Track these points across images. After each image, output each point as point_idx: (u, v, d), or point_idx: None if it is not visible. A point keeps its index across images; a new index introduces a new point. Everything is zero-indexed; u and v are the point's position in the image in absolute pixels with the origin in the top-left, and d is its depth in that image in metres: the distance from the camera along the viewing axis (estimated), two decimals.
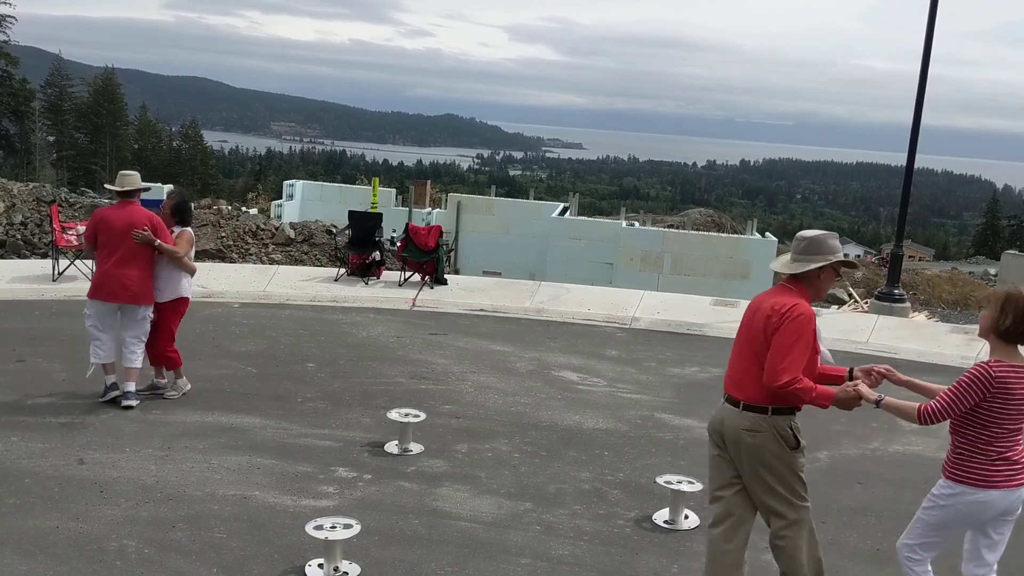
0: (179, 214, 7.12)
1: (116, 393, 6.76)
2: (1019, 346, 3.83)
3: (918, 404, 3.89)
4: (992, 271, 33.08)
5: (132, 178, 6.95)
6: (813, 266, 4.04)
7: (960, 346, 10.34)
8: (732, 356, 4.19)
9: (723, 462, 4.27)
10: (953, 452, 3.92)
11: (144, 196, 7.24)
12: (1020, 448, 3.84)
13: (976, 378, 3.81)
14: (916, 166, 13.66)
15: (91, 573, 4.34)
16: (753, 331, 4.04)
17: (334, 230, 16.26)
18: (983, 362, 3.86)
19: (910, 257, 55.27)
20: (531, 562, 4.72)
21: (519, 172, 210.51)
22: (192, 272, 7.12)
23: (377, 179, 22.42)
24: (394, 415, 6.31)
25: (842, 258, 4.12)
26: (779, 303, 3.98)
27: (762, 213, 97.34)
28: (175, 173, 64.95)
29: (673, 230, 22.15)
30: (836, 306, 18.99)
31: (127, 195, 6.86)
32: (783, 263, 4.16)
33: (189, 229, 7.11)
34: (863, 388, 4.07)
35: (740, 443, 4.12)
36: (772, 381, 3.93)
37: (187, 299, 7.14)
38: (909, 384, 4.25)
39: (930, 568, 4.06)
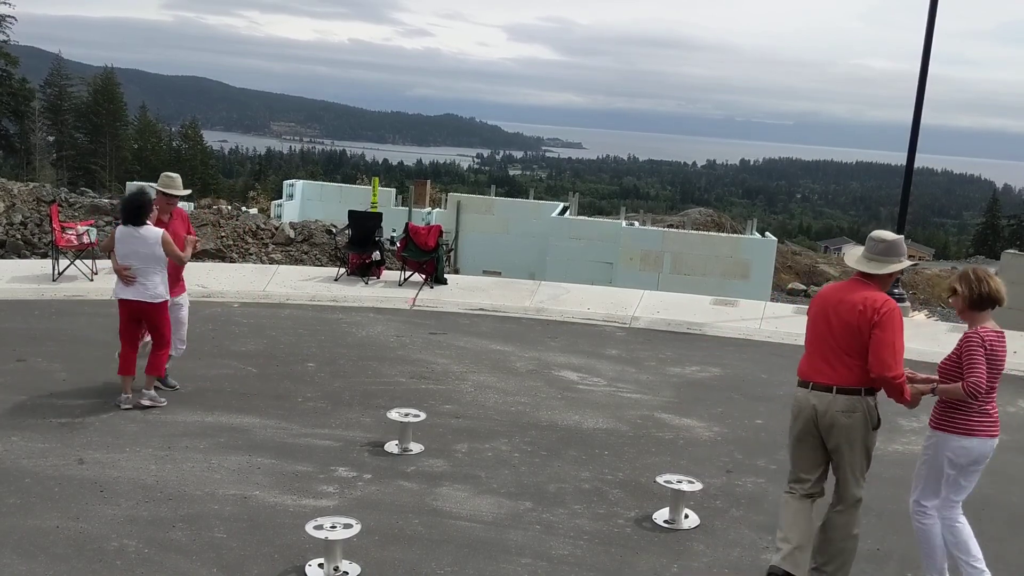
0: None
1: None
2: (989, 311, 4.52)
3: (960, 383, 4.35)
4: (992, 270, 33.10)
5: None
6: (896, 267, 4.50)
7: None
8: (814, 346, 4.57)
9: (811, 443, 4.56)
10: (939, 405, 4.50)
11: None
12: (994, 404, 4.54)
13: (979, 344, 4.36)
14: (916, 165, 13.66)
15: (91, 573, 4.34)
16: (843, 323, 4.41)
17: (334, 230, 16.26)
18: (972, 330, 4.43)
19: (910, 256, 55.24)
20: (531, 562, 4.72)
21: (519, 172, 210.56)
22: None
23: (377, 179, 22.42)
24: (394, 415, 6.31)
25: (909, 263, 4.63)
26: (870, 298, 4.37)
27: (762, 213, 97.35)
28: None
29: (673, 230, 22.16)
30: None
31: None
32: (865, 262, 4.51)
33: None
34: (921, 385, 4.53)
35: (835, 424, 4.43)
36: (885, 371, 4.31)
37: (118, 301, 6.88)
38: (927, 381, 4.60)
39: (938, 524, 4.58)
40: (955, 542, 4.53)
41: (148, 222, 6.73)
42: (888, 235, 4.54)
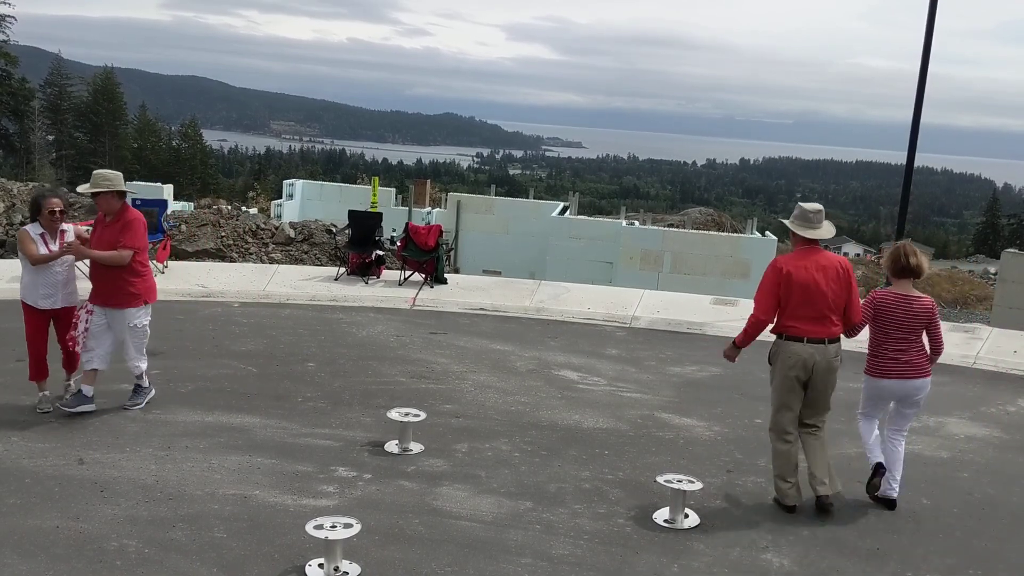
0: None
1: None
2: (911, 280, 5.59)
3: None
4: (992, 269, 33.06)
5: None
6: (833, 230, 5.72)
7: (960, 344, 10.35)
8: (804, 306, 5.40)
9: (799, 389, 5.51)
10: (868, 352, 5.72)
11: (144, 196, 7.26)
12: (913, 352, 5.57)
13: (867, 303, 5.63)
14: (916, 165, 13.65)
15: (91, 573, 4.34)
16: (830, 284, 5.41)
17: (334, 229, 16.26)
18: (874, 291, 5.72)
19: None
20: (531, 561, 4.72)
21: (519, 171, 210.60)
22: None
23: (377, 178, 22.43)
24: (394, 414, 6.31)
25: None
26: (842, 261, 5.55)
27: (762, 212, 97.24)
28: (174, 172, 64.93)
29: (673, 229, 22.15)
30: None
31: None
32: (826, 231, 5.57)
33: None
34: None
35: (830, 368, 5.47)
36: (861, 320, 5.61)
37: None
38: None
39: (876, 427, 5.88)
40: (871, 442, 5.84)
41: (39, 221, 6.52)
42: (816, 205, 5.67)
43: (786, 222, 5.75)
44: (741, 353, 5.79)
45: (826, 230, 5.56)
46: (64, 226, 6.71)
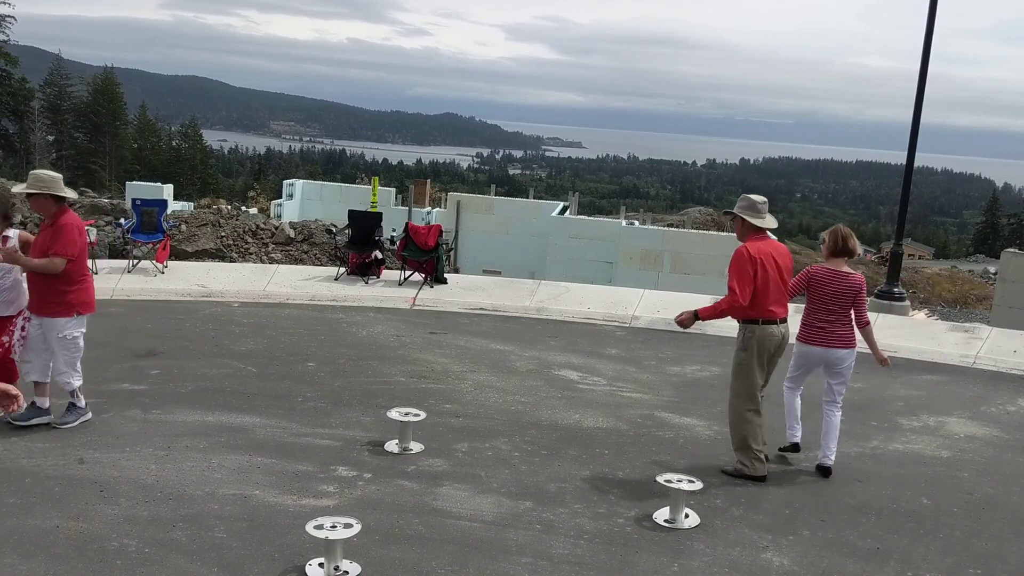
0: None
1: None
2: (844, 259, 6.13)
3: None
4: (992, 269, 33.07)
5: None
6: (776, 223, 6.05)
7: (959, 344, 10.35)
8: (775, 290, 5.85)
9: (767, 365, 5.98)
10: (801, 322, 6.20)
11: (144, 196, 7.21)
12: (840, 324, 6.08)
13: (802, 276, 6.14)
14: (916, 164, 13.66)
15: (91, 573, 4.34)
16: (783, 272, 5.88)
17: (334, 229, 16.26)
18: (809, 266, 6.18)
19: (910, 255, 55.25)
20: (531, 561, 4.72)
21: (519, 171, 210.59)
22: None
23: (377, 178, 22.44)
24: (394, 414, 6.31)
25: None
26: (785, 248, 6.02)
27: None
28: (174, 172, 64.94)
29: (673, 229, 22.16)
30: None
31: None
32: (771, 221, 5.96)
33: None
34: None
35: (786, 345, 6.00)
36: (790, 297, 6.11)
37: None
38: None
39: (798, 401, 6.53)
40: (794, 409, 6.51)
41: None
42: (759, 196, 6.04)
43: (735, 211, 6.03)
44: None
45: (771, 220, 5.98)
46: (9, 232, 6.52)
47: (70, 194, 6.44)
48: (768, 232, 5.98)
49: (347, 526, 4.48)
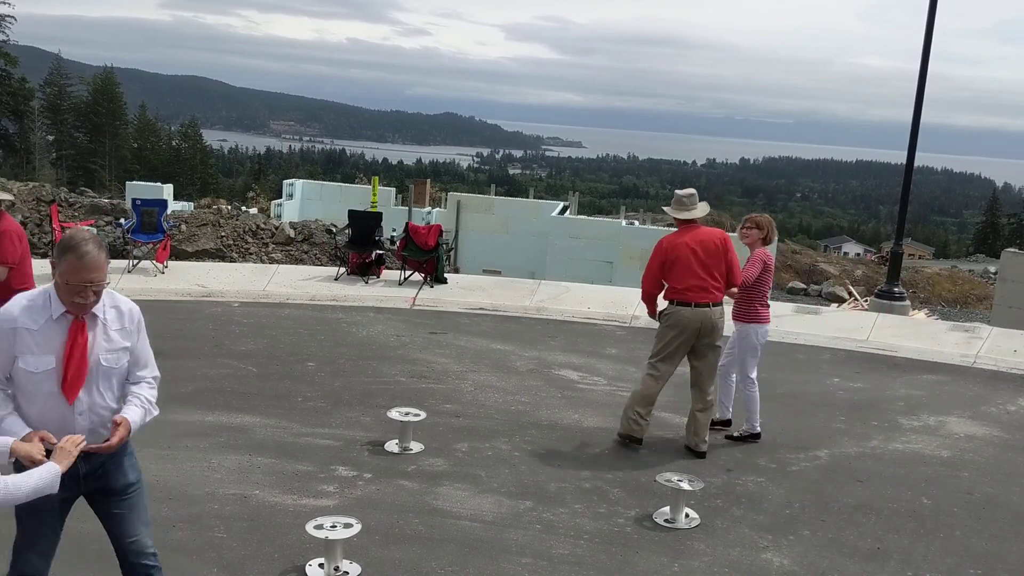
0: None
1: None
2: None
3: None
4: (992, 269, 33.06)
5: None
6: (706, 209, 6.48)
7: (960, 344, 10.35)
8: (688, 276, 6.22)
9: (686, 347, 6.32)
10: (743, 303, 6.67)
11: (144, 196, 7.17)
12: (765, 301, 6.75)
13: (759, 259, 6.62)
14: (916, 164, 13.66)
15: (91, 573, 4.34)
16: (711, 255, 6.23)
17: (334, 229, 16.26)
18: (759, 250, 6.69)
19: (910, 255, 55.22)
20: (532, 561, 4.72)
21: (519, 171, 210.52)
22: None
23: (377, 178, 22.44)
24: (394, 414, 6.31)
25: None
26: (718, 234, 6.39)
27: (762, 211, 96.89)
28: (174, 172, 64.91)
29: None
30: (836, 304, 19.02)
31: None
32: (698, 212, 6.43)
33: None
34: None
35: (715, 328, 6.27)
36: (741, 286, 6.50)
37: None
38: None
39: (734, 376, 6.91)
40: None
41: None
42: (688, 190, 6.53)
43: (666, 209, 6.63)
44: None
45: (700, 211, 6.40)
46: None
47: (5, 196, 6.24)
48: (698, 221, 6.43)
49: (347, 526, 4.48)
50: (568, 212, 20.52)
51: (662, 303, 6.50)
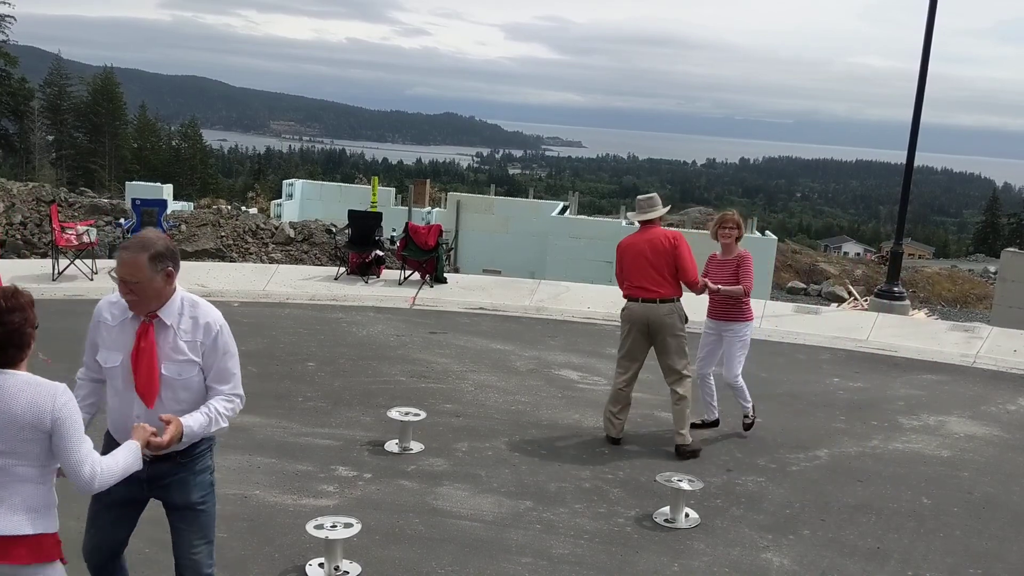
0: None
1: None
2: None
3: (740, 286, 6.77)
4: (992, 269, 33.06)
5: None
6: (661, 211, 6.62)
7: (959, 343, 10.35)
8: (636, 274, 6.42)
9: (641, 341, 6.53)
10: (720, 303, 6.81)
11: (144, 196, 7.20)
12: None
13: (751, 261, 6.95)
14: (916, 164, 13.65)
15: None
16: (658, 255, 6.36)
17: (334, 229, 16.26)
18: (742, 251, 6.88)
19: (910, 255, 55.21)
20: (532, 561, 4.72)
21: (519, 171, 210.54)
22: None
23: (376, 178, 22.45)
24: (394, 414, 6.31)
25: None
26: (667, 234, 6.46)
27: (762, 211, 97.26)
28: (174, 172, 64.90)
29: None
30: (836, 304, 19.02)
31: None
32: (643, 215, 6.55)
33: None
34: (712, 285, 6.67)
35: (663, 323, 6.40)
36: (694, 283, 6.52)
37: None
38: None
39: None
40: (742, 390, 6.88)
41: None
42: (648, 194, 6.69)
43: (629, 214, 6.93)
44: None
45: (654, 213, 6.57)
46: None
47: None
48: (658, 221, 6.62)
49: (347, 526, 4.49)
50: (568, 212, 20.51)
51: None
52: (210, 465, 3.47)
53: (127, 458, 2.99)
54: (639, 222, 6.65)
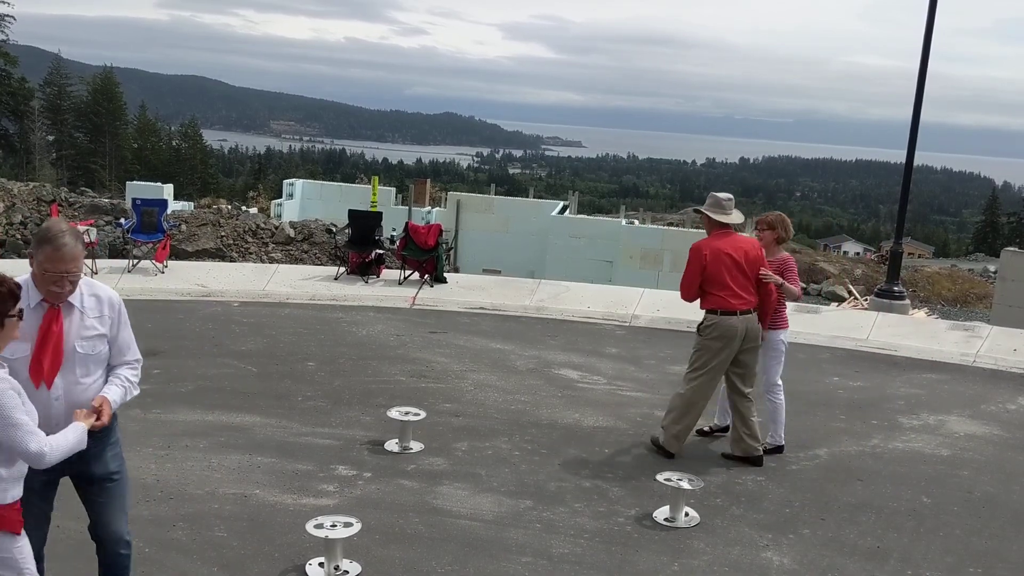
0: None
1: None
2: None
3: (796, 289, 6.42)
4: (991, 268, 33.06)
5: None
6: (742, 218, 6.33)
7: (959, 343, 10.35)
8: (734, 283, 6.04)
9: (731, 355, 6.16)
10: (778, 310, 6.42)
11: (144, 196, 7.21)
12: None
13: (795, 263, 6.54)
14: (915, 163, 13.65)
15: (91, 573, 4.33)
16: (751, 264, 6.09)
17: (334, 229, 16.26)
18: (784, 255, 6.52)
19: (909, 254, 55.18)
20: (532, 560, 4.72)
21: (518, 170, 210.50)
22: None
23: (377, 178, 22.42)
24: (394, 413, 6.31)
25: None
26: (754, 243, 6.23)
27: (762, 211, 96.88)
28: (175, 172, 64.90)
29: (673, 228, 22.16)
30: (836, 303, 19.01)
31: None
32: (735, 216, 6.24)
33: None
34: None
35: (757, 334, 6.18)
36: (798, 297, 6.49)
37: None
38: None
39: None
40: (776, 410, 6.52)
41: None
42: (727, 194, 6.27)
43: (702, 209, 6.33)
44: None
45: (736, 216, 6.28)
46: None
47: None
48: (732, 227, 6.27)
49: (347, 525, 4.49)
50: (568, 211, 20.53)
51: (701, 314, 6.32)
52: (119, 437, 3.70)
53: (76, 436, 3.19)
54: (720, 223, 6.17)
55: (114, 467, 3.62)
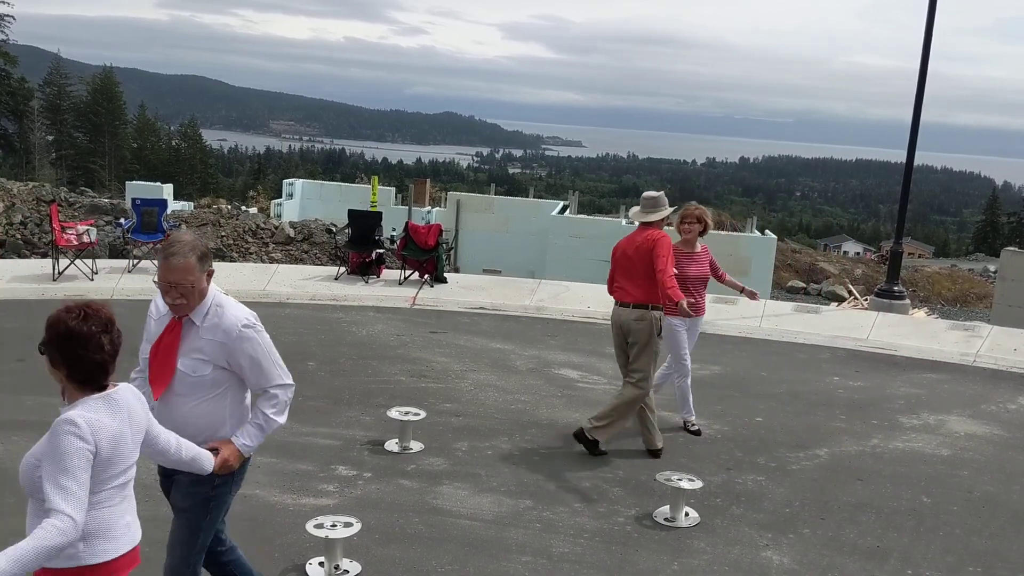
0: None
1: None
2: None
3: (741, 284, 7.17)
4: (992, 268, 33.06)
5: None
6: (663, 213, 6.33)
7: (960, 342, 10.35)
8: (619, 277, 6.42)
9: (621, 345, 6.46)
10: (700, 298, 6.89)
11: (144, 196, 7.20)
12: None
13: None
14: (915, 163, 13.65)
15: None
16: (639, 255, 6.19)
17: (334, 229, 16.26)
18: (702, 248, 7.01)
19: (910, 254, 55.23)
20: (532, 560, 4.72)
21: (518, 170, 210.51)
22: None
23: (376, 177, 22.42)
24: (394, 413, 6.31)
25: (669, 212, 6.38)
26: (651, 235, 6.21)
27: (762, 210, 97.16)
28: (174, 172, 64.92)
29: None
30: (836, 303, 19.02)
31: None
32: (643, 215, 6.34)
33: None
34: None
35: (630, 328, 6.30)
36: (660, 271, 6.07)
37: None
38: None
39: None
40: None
41: None
42: (653, 193, 6.39)
43: (632, 211, 6.63)
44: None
45: (657, 215, 6.33)
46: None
47: None
48: (660, 223, 6.39)
49: (347, 525, 4.49)
50: (568, 211, 20.51)
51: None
52: (214, 482, 3.37)
53: (198, 454, 3.16)
54: (640, 223, 6.38)
55: (184, 504, 3.41)
